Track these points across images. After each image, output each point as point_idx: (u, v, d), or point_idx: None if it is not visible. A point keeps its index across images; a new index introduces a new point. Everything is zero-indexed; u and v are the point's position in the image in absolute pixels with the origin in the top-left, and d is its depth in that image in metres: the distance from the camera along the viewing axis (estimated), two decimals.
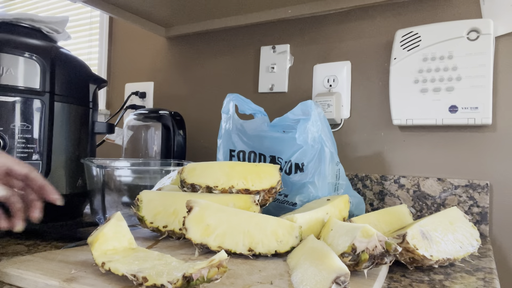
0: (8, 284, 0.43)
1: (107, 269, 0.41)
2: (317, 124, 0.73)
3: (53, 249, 0.56)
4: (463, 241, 0.55)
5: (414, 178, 0.87)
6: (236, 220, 0.52)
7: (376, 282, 0.43)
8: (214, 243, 0.50)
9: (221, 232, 0.51)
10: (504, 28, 0.80)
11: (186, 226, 0.50)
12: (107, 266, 0.41)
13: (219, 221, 0.51)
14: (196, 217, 0.51)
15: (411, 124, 0.85)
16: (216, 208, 0.52)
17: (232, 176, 0.63)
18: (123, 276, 0.39)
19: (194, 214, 0.51)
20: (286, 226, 0.54)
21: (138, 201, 0.61)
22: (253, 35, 1.12)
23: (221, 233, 0.51)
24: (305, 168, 0.72)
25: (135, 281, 0.38)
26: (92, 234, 0.47)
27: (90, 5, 0.99)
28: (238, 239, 0.51)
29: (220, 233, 0.51)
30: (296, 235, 0.54)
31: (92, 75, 0.85)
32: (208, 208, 0.52)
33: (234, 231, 0.51)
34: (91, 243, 0.45)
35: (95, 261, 0.43)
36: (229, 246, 0.51)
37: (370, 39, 0.95)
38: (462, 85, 0.79)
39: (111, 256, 0.44)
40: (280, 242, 0.52)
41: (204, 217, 0.51)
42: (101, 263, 0.42)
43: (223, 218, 0.52)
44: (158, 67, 1.31)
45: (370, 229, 0.43)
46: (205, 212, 0.51)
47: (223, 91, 1.16)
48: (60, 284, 0.40)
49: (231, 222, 0.52)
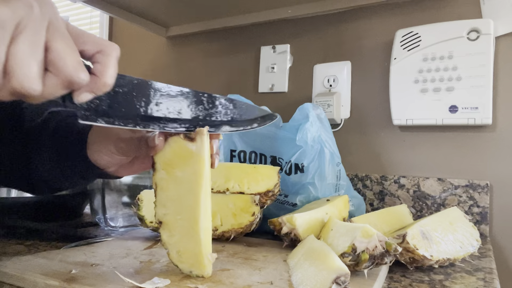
0: (8, 284, 0.43)
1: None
2: (316, 124, 0.73)
3: (53, 249, 0.56)
4: (463, 241, 0.55)
5: (414, 178, 0.87)
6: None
7: (376, 282, 0.43)
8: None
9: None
10: (504, 28, 0.80)
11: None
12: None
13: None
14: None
15: (411, 124, 0.85)
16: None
17: (229, 178, 0.63)
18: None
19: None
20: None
21: (138, 200, 0.61)
22: (253, 35, 1.12)
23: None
24: (305, 168, 0.72)
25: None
26: None
27: (90, 5, 0.99)
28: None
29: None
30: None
31: None
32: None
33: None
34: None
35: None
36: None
37: (370, 39, 0.95)
38: (462, 85, 0.79)
39: None
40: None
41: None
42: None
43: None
44: (158, 67, 1.31)
45: (370, 229, 0.43)
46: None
47: (223, 91, 1.16)
48: (60, 284, 0.40)
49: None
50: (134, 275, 0.43)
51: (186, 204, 0.41)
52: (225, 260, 0.51)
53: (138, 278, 0.41)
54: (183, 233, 0.42)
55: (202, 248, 0.42)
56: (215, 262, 0.44)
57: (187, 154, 0.41)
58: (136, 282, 0.40)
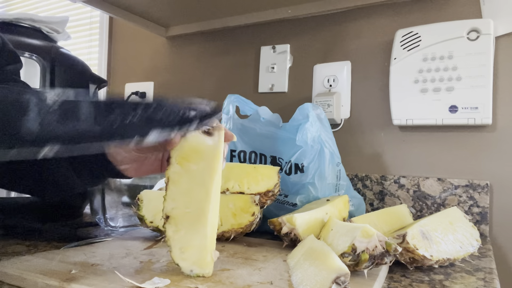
0: (8, 284, 0.43)
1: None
2: (316, 124, 0.73)
3: (53, 249, 0.56)
4: (463, 241, 0.55)
5: (414, 178, 0.87)
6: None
7: (376, 282, 0.43)
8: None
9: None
10: (504, 28, 0.80)
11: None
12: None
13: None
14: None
15: (411, 124, 0.85)
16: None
17: (229, 178, 0.63)
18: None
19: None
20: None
21: (138, 200, 0.61)
22: (253, 35, 1.12)
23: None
24: (305, 168, 0.72)
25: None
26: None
27: (90, 5, 0.99)
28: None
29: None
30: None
31: (92, 75, 0.85)
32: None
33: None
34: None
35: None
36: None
37: (370, 39, 0.95)
38: (462, 85, 0.79)
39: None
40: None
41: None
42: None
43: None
44: (158, 67, 1.31)
45: (370, 229, 0.43)
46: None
47: (223, 91, 1.16)
48: (60, 284, 0.40)
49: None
50: (134, 275, 0.43)
51: (197, 197, 0.42)
52: (225, 260, 0.51)
53: (138, 278, 0.41)
54: (190, 227, 0.42)
55: (207, 242, 0.42)
56: (215, 262, 0.44)
57: (203, 148, 0.43)
58: (136, 282, 0.40)
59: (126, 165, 0.49)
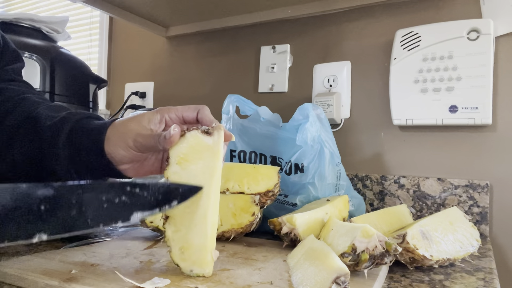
0: (8, 284, 0.43)
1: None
2: (316, 124, 0.73)
3: (53, 249, 0.56)
4: (463, 241, 0.55)
5: (414, 178, 0.87)
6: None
7: (376, 282, 0.43)
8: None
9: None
10: (504, 28, 0.80)
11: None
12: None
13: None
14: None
15: (411, 124, 0.85)
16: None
17: (229, 178, 0.63)
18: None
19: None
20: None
21: None
22: (253, 35, 1.12)
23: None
24: (305, 168, 0.72)
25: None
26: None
27: (90, 5, 0.99)
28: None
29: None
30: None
31: (92, 75, 0.85)
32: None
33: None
34: None
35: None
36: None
37: (370, 39, 0.95)
38: (462, 85, 0.79)
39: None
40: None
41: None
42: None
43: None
44: (158, 67, 1.31)
45: (370, 229, 0.43)
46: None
47: (223, 91, 1.16)
48: (60, 284, 0.40)
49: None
50: (134, 275, 0.43)
51: (197, 196, 0.42)
52: (225, 260, 0.51)
53: (138, 278, 0.41)
54: (190, 226, 0.42)
55: (207, 242, 0.42)
56: (215, 262, 0.44)
57: (203, 148, 0.43)
58: (136, 282, 0.40)
59: (126, 165, 0.49)
